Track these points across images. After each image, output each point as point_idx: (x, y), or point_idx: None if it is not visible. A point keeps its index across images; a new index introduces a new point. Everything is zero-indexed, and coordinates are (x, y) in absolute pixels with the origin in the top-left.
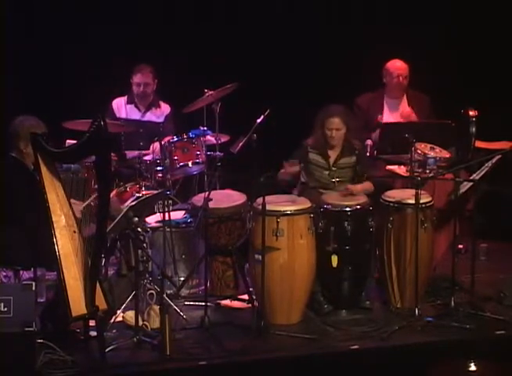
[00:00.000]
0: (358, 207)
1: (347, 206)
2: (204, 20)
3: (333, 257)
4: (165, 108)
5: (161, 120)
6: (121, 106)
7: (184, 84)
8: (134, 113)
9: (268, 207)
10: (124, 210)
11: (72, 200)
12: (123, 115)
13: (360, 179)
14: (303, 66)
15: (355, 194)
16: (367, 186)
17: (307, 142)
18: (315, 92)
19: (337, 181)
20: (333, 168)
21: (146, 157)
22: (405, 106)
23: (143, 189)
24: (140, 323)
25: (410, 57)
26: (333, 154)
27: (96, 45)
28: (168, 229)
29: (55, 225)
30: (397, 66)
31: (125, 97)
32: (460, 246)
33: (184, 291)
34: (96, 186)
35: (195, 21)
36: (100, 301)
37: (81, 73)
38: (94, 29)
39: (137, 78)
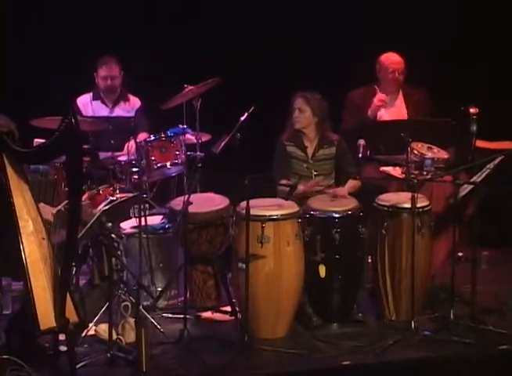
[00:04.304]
0: (349, 212)
1: (335, 212)
2: (185, 12)
3: (320, 267)
4: (135, 101)
5: (131, 114)
6: (87, 104)
7: (162, 78)
8: (101, 110)
9: (252, 212)
10: (97, 215)
11: (41, 204)
12: (90, 113)
13: (346, 180)
14: (289, 60)
15: (344, 197)
16: (352, 184)
17: (282, 137)
18: (303, 88)
19: (316, 174)
20: (311, 162)
21: (120, 158)
22: (400, 104)
23: (117, 192)
24: (114, 337)
25: (409, 53)
26: (310, 146)
27: (70, 40)
28: (145, 236)
29: (21, 231)
30: (392, 60)
31: (90, 94)
32: (460, 254)
33: (162, 303)
34: (66, 189)
35: (176, 14)
36: (71, 314)
37: (50, 68)
38: (67, 24)
39: (103, 71)
